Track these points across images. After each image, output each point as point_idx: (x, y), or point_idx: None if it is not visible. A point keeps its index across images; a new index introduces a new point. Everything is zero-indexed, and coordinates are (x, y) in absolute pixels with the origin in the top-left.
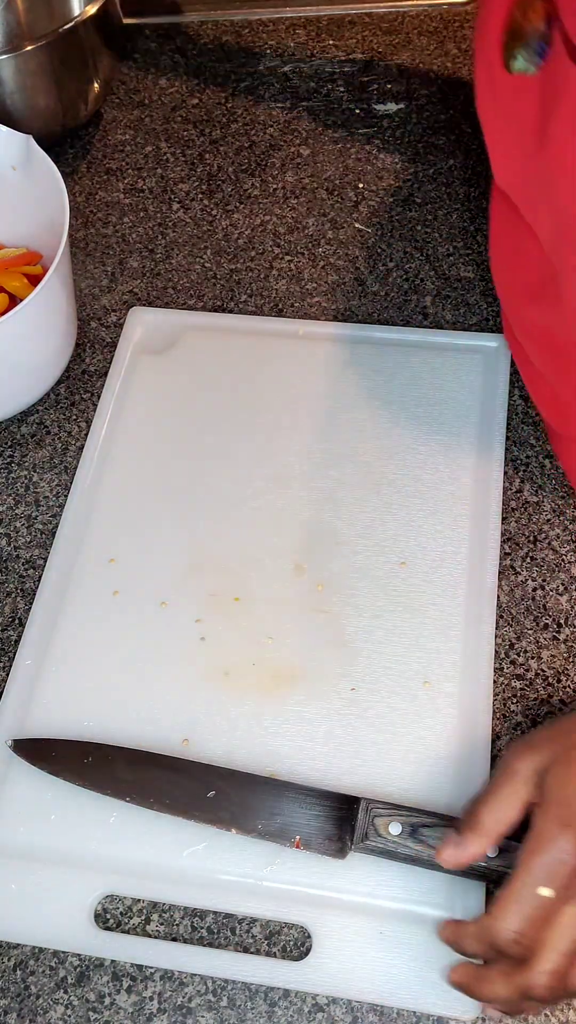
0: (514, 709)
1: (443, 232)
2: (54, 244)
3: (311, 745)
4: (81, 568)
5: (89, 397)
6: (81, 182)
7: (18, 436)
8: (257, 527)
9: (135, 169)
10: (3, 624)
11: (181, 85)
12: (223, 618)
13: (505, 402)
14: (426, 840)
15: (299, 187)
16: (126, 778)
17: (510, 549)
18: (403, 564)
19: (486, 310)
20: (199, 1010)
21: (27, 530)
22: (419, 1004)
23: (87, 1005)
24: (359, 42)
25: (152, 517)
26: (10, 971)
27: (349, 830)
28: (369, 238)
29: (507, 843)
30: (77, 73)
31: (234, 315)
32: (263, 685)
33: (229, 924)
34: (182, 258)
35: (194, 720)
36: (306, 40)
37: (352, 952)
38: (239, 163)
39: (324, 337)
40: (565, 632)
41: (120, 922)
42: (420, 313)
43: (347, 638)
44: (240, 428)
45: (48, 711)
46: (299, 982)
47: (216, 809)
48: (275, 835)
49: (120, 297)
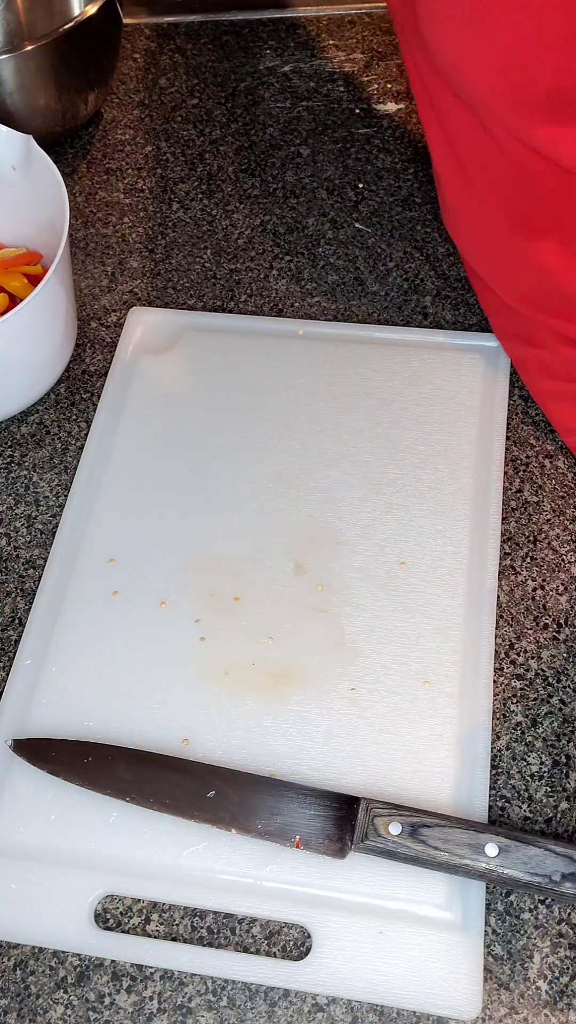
0: (514, 709)
1: (443, 232)
2: (54, 244)
3: (311, 745)
4: (81, 568)
5: (89, 397)
6: (81, 182)
7: (18, 436)
8: (257, 527)
9: (135, 169)
10: (3, 624)
11: (181, 85)
12: (223, 618)
13: (505, 402)
14: (426, 840)
15: (299, 187)
16: (126, 778)
17: (510, 549)
18: (403, 564)
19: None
20: (199, 1010)
21: (27, 530)
22: (419, 1004)
23: (87, 1005)
24: (359, 42)
25: (152, 517)
26: (10, 971)
27: (349, 830)
28: (369, 238)
29: (507, 843)
30: (77, 73)
31: (234, 315)
32: (263, 685)
33: (229, 924)
34: (182, 258)
35: (194, 720)
36: (306, 40)
37: (352, 952)
38: (239, 163)
39: (324, 337)
40: (565, 632)
41: (120, 922)
42: (420, 313)
43: (347, 638)
44: (240, 428)
45: (48, 711)
46: (299, 982)
47: (216, 809)
48: (275, 835)
49: (120, 297)
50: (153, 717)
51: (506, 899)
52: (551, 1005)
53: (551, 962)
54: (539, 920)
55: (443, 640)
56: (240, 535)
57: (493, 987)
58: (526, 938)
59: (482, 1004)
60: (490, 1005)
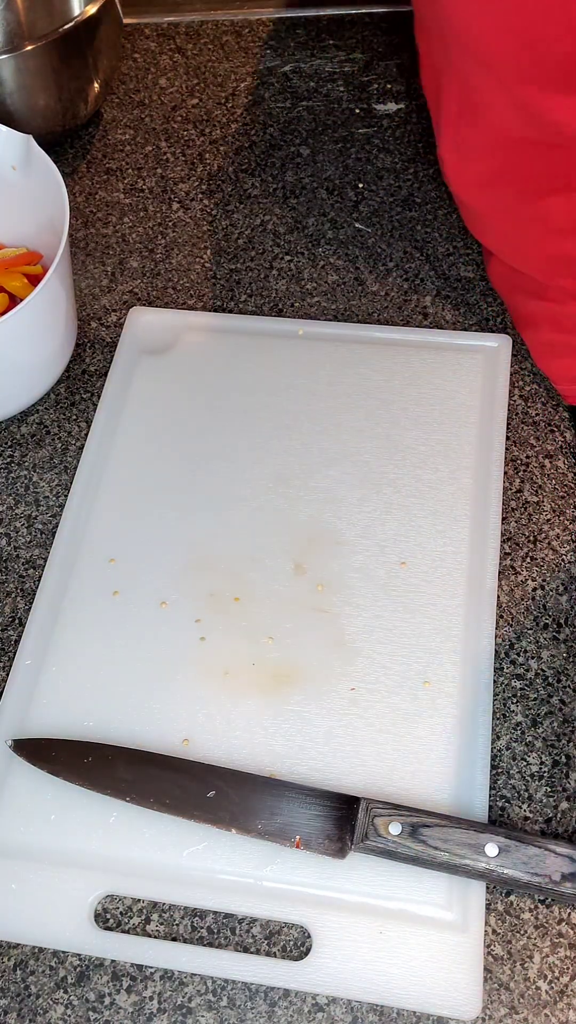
0: (514, 709)
1: (443, 232)
2: (54, 244)
3: (311, 745)
4: (81, 568)
5: (89, 397)
6: (81, 182)
7: (18, 436)
8: (257, 527)
9: (135, 169)
10: (3, 624)
11: (181, 85)
12: (223, 618)
13: (505, 402)
14: (426, 840)
15: (299, 187)
16: (126, 778)
17: (510, 549)
18: (403, 564)
19: (486, 310)
20: (199, 1010)
21: (27, 530)
22: (419, 1004)
23: (87, 1005)
24: (359, 42)
25: (152, 517)
26: (10, 971)
27: (349, 830)
28: (369, 238)
29: (507, 843)
30: (77, 73)
31: (234, 315)
32: (263, 685)
33: (229, 924)
34: (182, 258)
35: (194, 720)
36: (306, 40)
37: (352, 952)
38: (239, 163)
39: (324, 337)
40: (565, 632)
41: (120, 922)
42: (420, 313)
43: (347, 638)
44: (240, 428)
45: (48, 711)
46: (299, 982)
47: (216, 809)
48: (275, 835)
49: (120, 297)
50: (153, 717)
51: (506, 899)
52: (551, 1005)
53: (551, 962)
54: (539, 920)
55: (443, 640)
56: (240, 535)
57: (493, 987)
58: (526, 938)
59: (482, 1004)
60: (490, 1005)
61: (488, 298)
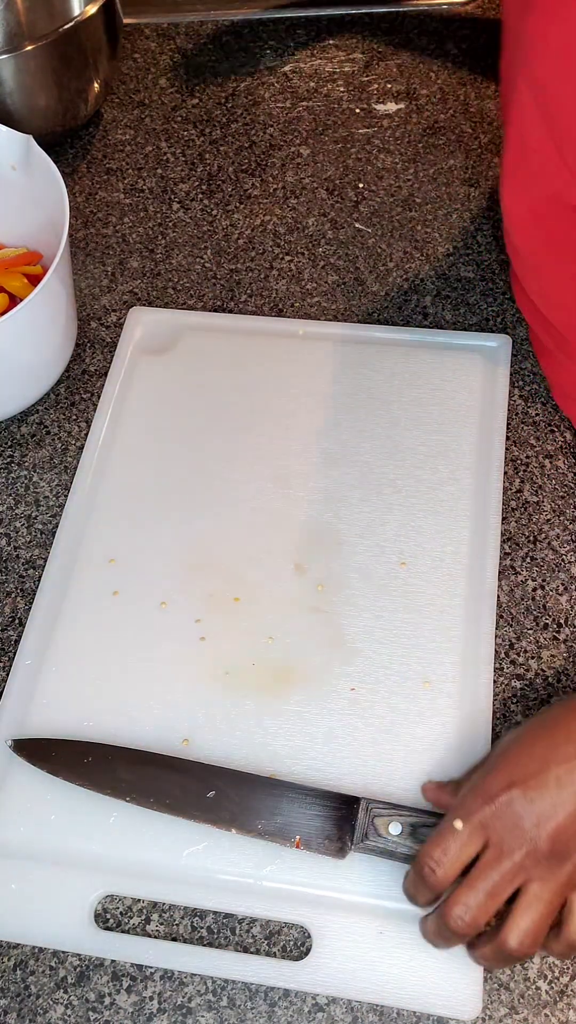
0: (514, 709)
1: (443, 232)
2: (54, 244)
3: (311, 745)
4: (81, 568)
5: (89, 397)
6: (81, 182)
7: (18, 436)
8: (257, 527)
9: (135, 169)
10: (3, 624)
11: (181, 85)
12: (223, 618)
13: (505, 402)
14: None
15: (299, 187)
16: (126, 778)
17: (510, 549)
18: (403, 564)
19: (486, 310)
20: (199, 1010)
21: (27, 530)
22: (419, 1004)
23: (87, 1005)
24: (359, 42)
25: (152, 517)
26: (10, 971)
27: (349, 830)
28: (369, 238)
29: None
30: (77, 73)
31: (234, 315)
32: (263, 685)
33: (229, 924)
34: (182, 258)
35: (194, 720)
36: (306, 40)
37: (352, 952)
38: (239, 163)
39: (324, 337)
40: (565, 632)
41: (120, 922)
42: (420, 313)
43: (347, 638)
44: (240, 428)
45: (48, 711)
46: (299, 982)
47: (216, 809)
48: (275, 835)
49: (120, 297)
50: (153, 717)
51: None
52: (551, 1005)
53: (551, 962)
54: None
55: (443, 640)
56: (240, 535)
57: (493, 987)
58: None
59: (482, 1004)
60: (490, 1005)
61: (488, 298)
